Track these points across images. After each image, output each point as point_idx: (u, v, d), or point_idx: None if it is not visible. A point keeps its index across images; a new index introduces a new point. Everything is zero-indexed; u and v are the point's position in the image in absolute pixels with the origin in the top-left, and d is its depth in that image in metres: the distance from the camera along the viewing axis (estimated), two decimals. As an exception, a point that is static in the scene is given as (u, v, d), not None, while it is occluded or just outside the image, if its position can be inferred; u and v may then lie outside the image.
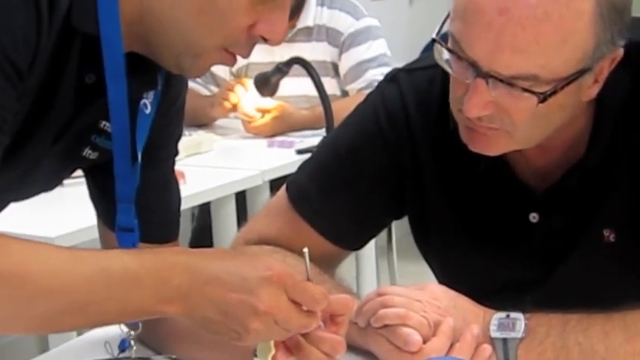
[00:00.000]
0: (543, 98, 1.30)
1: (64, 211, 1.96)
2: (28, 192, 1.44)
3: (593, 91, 1.38)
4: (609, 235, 1.46)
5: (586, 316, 1.33)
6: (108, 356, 1.43)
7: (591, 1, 1.28)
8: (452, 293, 1.41)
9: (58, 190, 1.48)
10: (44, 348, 2.51)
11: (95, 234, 1.52)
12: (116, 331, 1.44)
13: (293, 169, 1.69)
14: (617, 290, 1.40)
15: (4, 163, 1.18)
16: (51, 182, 1.45)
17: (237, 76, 3.47)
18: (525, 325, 1.34)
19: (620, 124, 1.43)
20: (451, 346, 1.35)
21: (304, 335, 1.23)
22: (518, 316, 1.35)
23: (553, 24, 1.27)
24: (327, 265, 1.56)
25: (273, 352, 1.25)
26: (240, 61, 3.72)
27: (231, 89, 3.32)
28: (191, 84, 1.56)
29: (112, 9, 1.21)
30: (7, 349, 1.83)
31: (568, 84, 1.31)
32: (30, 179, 1.37)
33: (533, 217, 1.50)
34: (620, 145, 1.43)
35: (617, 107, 1.43)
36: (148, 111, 1.35)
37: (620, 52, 1.36)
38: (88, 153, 1.37)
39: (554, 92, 1.30)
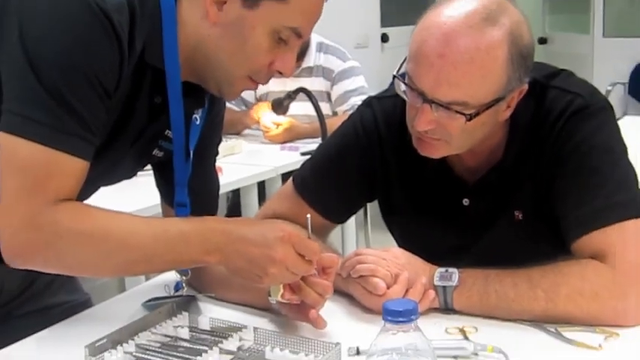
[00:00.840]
0: (470, 118, 1.31)
1: (138, 193, 1.95)
2: (112, 179, 1.44)
3: (507, 113, 1.38)
4: (519, 215, 1.45)
5: (501, 271, 1.33)
6: (166, 294, 1.43)
7: (504, 50, 1.28)
8: (408, 254, 1.41)
9: (134, 178, 1.47)
10: (122, 289, 2.51)
11: (159, 210, 1.52)
12: (172, 276, 1.45)
13: (297, 166, 1.68)
14: (524, 254, 1.38)
15: (95, 159, 1.18)
16: (129, 173, 1.44)
17: (260, 100, 3.47)
18: (459, 277, 1.33)
19: (527, 137, 1.43)
20: (406, 291, 1.34)
21: (304, 280, 1.24)
22: (454, 271, 1.35)
23: (476, 66, 1.27)
24: (320, 234, 1.55)
25: (282, 291, 1.25)
26: (262, 90, 3.71)
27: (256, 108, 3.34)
28: (227, 104, 1.56)
29: (173, 50, 1.22)
30: (96, 289, 1.84)
31: (488, 108, 1.31)
32: (113, 171, 1.37)
33: (466, 201, 1.49)
34: (526, 152, 1.43)
35: (525, 125, 1.42)
36: (197, 123, 1.35)
37: (526, 86, 1.36)
38: (156, 152, 1.37)
39: (477, 114, 1.31)
